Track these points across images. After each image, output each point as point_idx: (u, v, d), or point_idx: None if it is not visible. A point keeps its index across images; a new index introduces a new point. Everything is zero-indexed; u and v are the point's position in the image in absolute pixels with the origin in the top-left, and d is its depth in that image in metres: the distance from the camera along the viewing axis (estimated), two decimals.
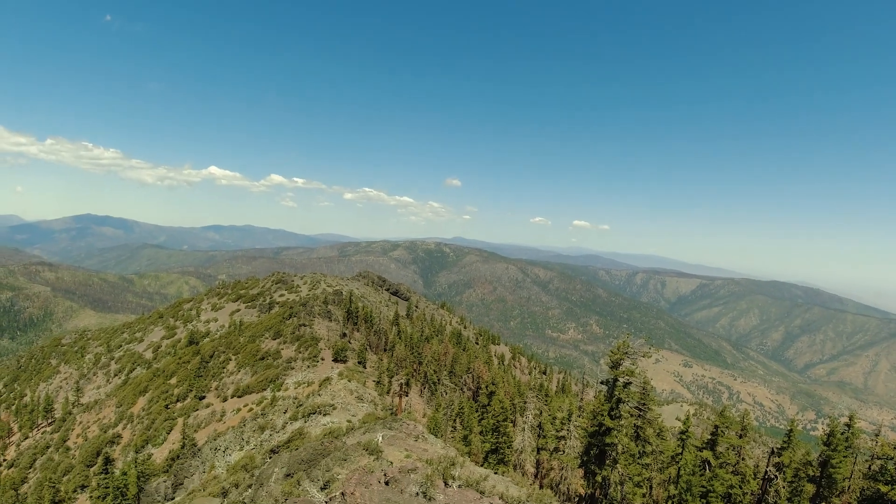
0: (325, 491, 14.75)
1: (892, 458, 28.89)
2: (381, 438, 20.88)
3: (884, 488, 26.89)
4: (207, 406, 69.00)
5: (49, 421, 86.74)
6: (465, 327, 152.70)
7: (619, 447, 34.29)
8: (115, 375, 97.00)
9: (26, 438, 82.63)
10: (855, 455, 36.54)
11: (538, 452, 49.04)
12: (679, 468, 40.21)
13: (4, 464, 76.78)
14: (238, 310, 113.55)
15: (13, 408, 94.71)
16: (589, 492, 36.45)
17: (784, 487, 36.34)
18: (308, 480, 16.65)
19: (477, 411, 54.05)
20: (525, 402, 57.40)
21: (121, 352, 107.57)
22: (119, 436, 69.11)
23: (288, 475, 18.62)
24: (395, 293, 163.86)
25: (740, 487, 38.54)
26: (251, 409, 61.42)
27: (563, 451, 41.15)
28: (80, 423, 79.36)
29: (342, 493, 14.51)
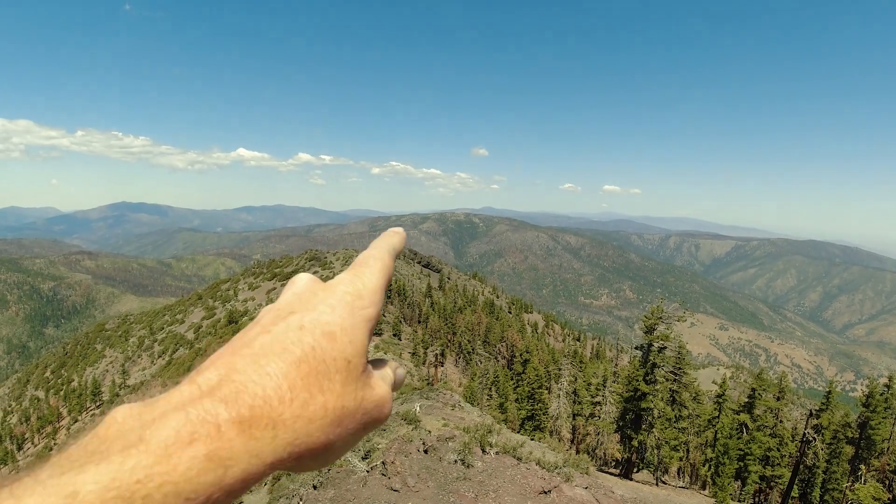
0: (367, 461, 15.28)
1: None
2: (418, 408, 21.36)
3: None
4: None
5: (97, 404, 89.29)
6: (497, 297, 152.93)
7: (655, 412, 34.49)
8: (159, 357, 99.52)
9: (76, 422, 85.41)
10: (894, 416, 36.15)
11: (574, 418, 49.52)
12: (716, 431, 40.29)
13: (56, 448, 79.54)
14: (274, 288, 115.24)
15: (62, 393, 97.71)
16: (626, 456, 36.82)
17: (822, 449, 36.23)
18: (349, 451, 17.19)
19: (512, 379, 54.56)
20: (559, 369, 57.75)
21: (163, 334, 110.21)
22: None
23: None
24: (426, 265, 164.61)
25: (778, 450, 38.52)
26: None
27: (599, 417, 41.52)
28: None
29: (383, 462, 15.02)
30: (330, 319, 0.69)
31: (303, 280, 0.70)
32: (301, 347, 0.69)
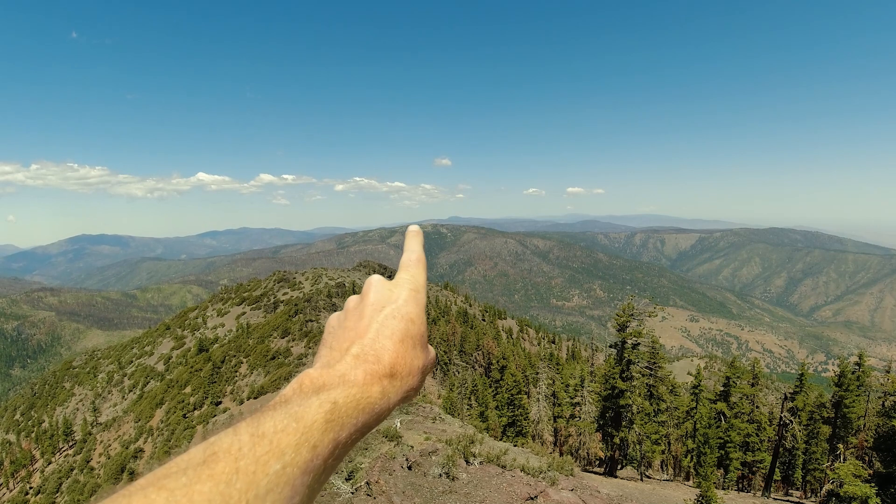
0: (350, 481, 15.00)
1: None
2: (399, 424, 21.14)
3: None
4: (225, 411, 69.42)
5: (70, 444, 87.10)
6: (470, 305, 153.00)
7: (634, 408, 34.72)
8: (130, 391, 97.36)
9: (49, 464, 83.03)
10: (868, 393, 36.83)
11: (555, 421, 49.54)
12: (695, 422, 40.72)
13: (31, 491, 77.28)
14: (244, 312, 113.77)
15: (33, 435, 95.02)
16: (609, 454, 36.95)
17: (800, 431, 36.79)
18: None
19: (490, 387, 54.46)
20: (537, 373, 57.86)
21: (132, 367, 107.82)
22: (141, 450, 69.60)
23: None
24: None
25: (757, 435, 39.03)
26: None
27: (579, 417, 41.60)
28: (101, 442, 79.82)
29: (367, 482, 14.75)
30: (409, 309, 1.14)
31: (378, 280, 1.14)
32: (399, 330, 1.13)
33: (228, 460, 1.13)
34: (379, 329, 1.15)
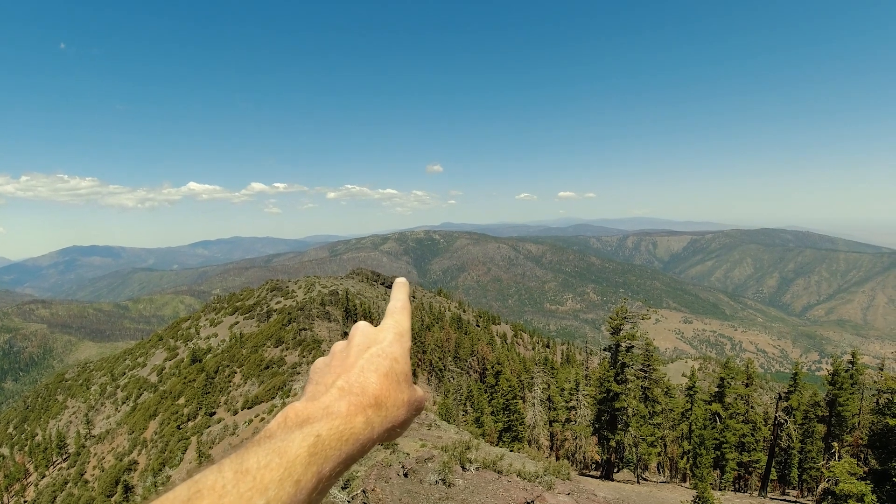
0: (347, 490, 14.93)
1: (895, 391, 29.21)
2: None
3: (892, 421, 27.21)
4: (219, 421, 69.00)
5: (64, 457, 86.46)
6: (464, 311, 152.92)
7: (629, 410, 34.71)
8: (123, 403, 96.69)
9: (43, 477, 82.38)
10: (861, 391, 36.97)
11: (550, 425, 49.56)
12: (690, 423, 40.76)
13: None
14: (237, 322, 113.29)
15: (26, 448, 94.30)
16: (605, 457, 36.92)
17: (795, 430, 36.87)
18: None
19: (486, 392, 54.42)
20: (532, 378, 57.81)
21: (125, 379, 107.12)
22: (135, 462, 69.09)
23: None
24: (390, 286, 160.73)
25: (752, 435, 39.10)
26: (263, 419, 61.52)
27: (575, 421, 41.61)
28: (95, 454, 79.22)
29: (363, 491, 14.69)
30: (393, 349, 1.25)
31: (365, 325, 1.24)
32: (384, 366, 1.24)
33: (212, 497, 1.20)
34: (364, 365, 1.24)
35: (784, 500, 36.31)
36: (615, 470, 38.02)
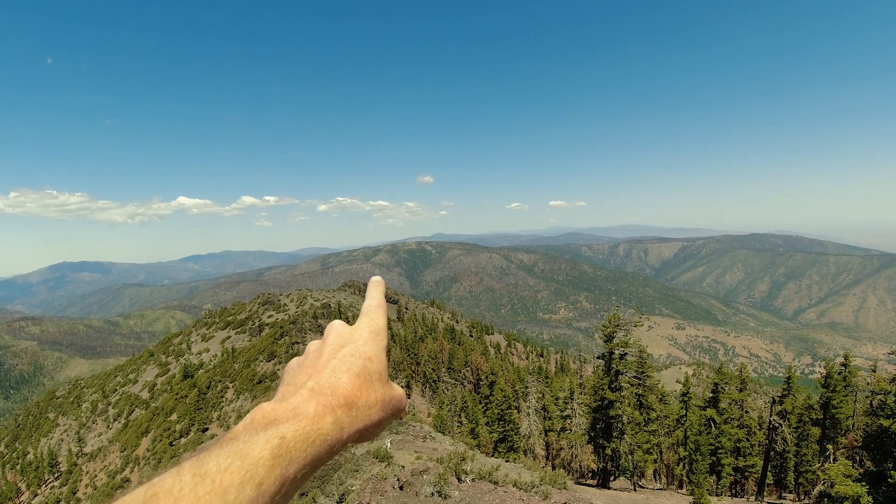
0: None
1: (889, 393, 29.30)
2: (389, 444, 20.93)
3: (885, 423, 27.30)
4: (212, 437, 68.50)
5: (56, 475, 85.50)
6: (457, 322, 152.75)
7: (624, 418, 34.67)
8: (115, 420, 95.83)
9: (35, 496, 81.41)
10: (855, 393, 37.06)
11: (546, 434, 49.42)
12: (685, 430, 40.71)
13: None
14: (228, 337, 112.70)
15: (18, 467, 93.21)
16: (601, 465, 36.83)
17: (790, 434, 36.95)
18: (323, 496, 16.68)
19: (480, 403, 54.20)
20: (526, 387, 57.74)
21: (117, 396, 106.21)
22: (128, 480, 68.42)
23: (302, 494, 18.63)
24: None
25: (747, 440, 39.15)
26: None
27: (570, 430, 41.50)
28: (87, 472, 78.42)
29: None
30: (368, 348, 1.23)
31: (339, 324, 1.23)
32: (357, 366, 1.22)
33: (168, 501, 1.17)
34: (337, 365, 1.22)
35: (781, 503, 36.34)
36: (612, 478, 37.92)
